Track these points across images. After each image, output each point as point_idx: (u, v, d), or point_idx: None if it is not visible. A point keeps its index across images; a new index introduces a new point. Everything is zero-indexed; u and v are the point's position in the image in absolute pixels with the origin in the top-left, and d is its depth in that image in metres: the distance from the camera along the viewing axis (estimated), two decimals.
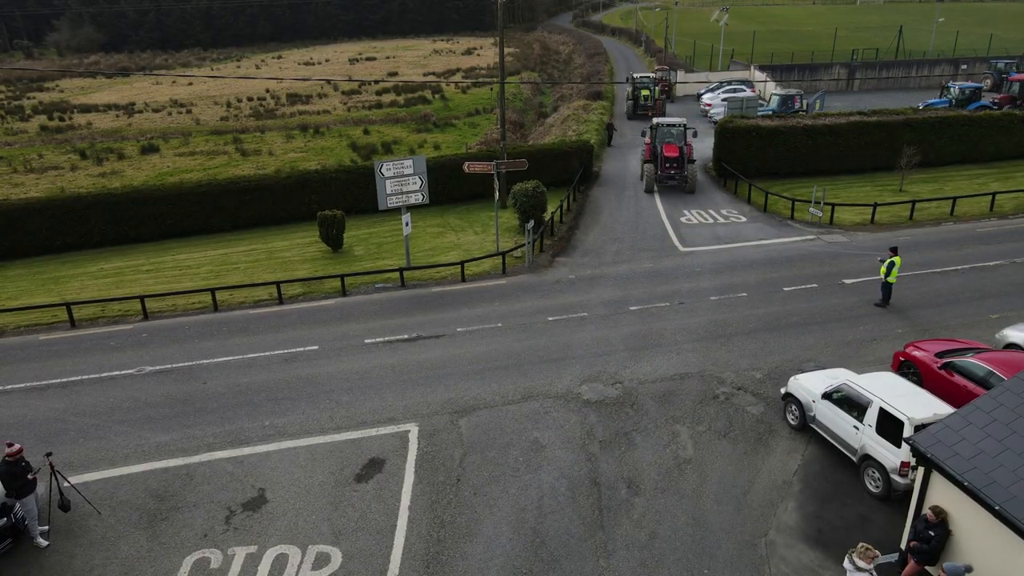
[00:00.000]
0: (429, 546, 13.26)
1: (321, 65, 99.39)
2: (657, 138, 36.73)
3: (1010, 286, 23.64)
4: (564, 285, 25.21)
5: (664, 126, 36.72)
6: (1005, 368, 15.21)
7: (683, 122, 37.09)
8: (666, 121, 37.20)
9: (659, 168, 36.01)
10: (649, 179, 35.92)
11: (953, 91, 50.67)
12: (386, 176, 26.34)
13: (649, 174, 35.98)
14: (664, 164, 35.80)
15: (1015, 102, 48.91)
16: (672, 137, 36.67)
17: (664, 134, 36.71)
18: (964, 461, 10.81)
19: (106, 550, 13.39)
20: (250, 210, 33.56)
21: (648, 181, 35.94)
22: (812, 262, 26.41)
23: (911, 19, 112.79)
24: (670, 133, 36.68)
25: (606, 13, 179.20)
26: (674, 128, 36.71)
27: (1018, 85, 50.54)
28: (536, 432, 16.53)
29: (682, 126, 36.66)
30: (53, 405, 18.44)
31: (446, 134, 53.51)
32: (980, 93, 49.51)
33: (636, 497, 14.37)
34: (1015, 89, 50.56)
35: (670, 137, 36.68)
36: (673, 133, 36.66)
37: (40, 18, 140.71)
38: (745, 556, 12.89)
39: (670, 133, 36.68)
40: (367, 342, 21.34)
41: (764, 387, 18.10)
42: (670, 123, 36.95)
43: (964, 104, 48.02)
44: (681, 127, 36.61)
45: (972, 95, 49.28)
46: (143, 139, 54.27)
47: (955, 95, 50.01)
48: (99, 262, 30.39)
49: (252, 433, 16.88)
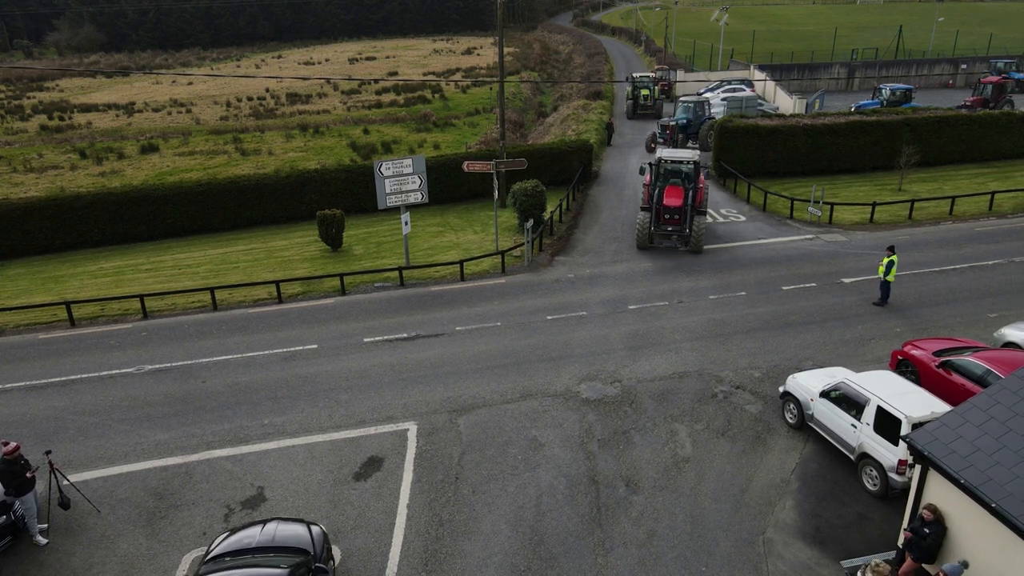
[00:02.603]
0: (428, 544, 13.29)
1: (321, 65, 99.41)
2: (659, 177, 28.24)
3: (1008, 285, 23.68)
4: (563, 284, 25.24)
5: (669, 163, 28.23)
6: (1003, 367, 15.24)
7: (695, 158, 28.22)
8: (672, 155, 28.52)
9: (656, 219, 27.67)
10: (641, 232, 27.56)
11: (884, 92, 50.84)
12: (385, 175, 26.37)
13: (641, 226, 27.54)
14: (663, 215, 27.49)
15: (988, 105, 48.81)
16: (679, 178, 28.30)
17: (668, 173, 28.38)
18: (961, 459, 10.84)
19: (105, 548, 13.42)
20: (250, 209, 33.59)
21: (639, 235, 27.64)
22: (811, 261, 26.44)
23: (911, 19, 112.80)
24: (676, 172, 28.43)
25: (606, 13, 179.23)
26: (683, 166, 28.27)
27: (990, 87, 50.44)
28: (535, 431, 16.56)
29: (692, 164, 28.11)
30: (53, 403, 18.47)
31: (446, 134, 53.53)
32: (911, 95, 49.62)
33: (634, 495, 14.40)
34: (987, 92, 50.42)
35: (675, 178, 28.33)
36: (681, 172, 28.37)
37: (40, 18, 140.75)
38: (743, 554, 12.92)
39: (676, 172, 28.43)
40: (366, 341, 21.37)
41: (762, 386, 18.13)
42: (677, 159, 28.26)
43: (895, 105, 48.07)
44: (691, 165, 28.13)
45: (903, 96, 49.42)
46: (143, 139, 54.27)
47: (886, 96, 50.19)
48: (99, 261, 30.42)
49: (251, 432, 16.90)
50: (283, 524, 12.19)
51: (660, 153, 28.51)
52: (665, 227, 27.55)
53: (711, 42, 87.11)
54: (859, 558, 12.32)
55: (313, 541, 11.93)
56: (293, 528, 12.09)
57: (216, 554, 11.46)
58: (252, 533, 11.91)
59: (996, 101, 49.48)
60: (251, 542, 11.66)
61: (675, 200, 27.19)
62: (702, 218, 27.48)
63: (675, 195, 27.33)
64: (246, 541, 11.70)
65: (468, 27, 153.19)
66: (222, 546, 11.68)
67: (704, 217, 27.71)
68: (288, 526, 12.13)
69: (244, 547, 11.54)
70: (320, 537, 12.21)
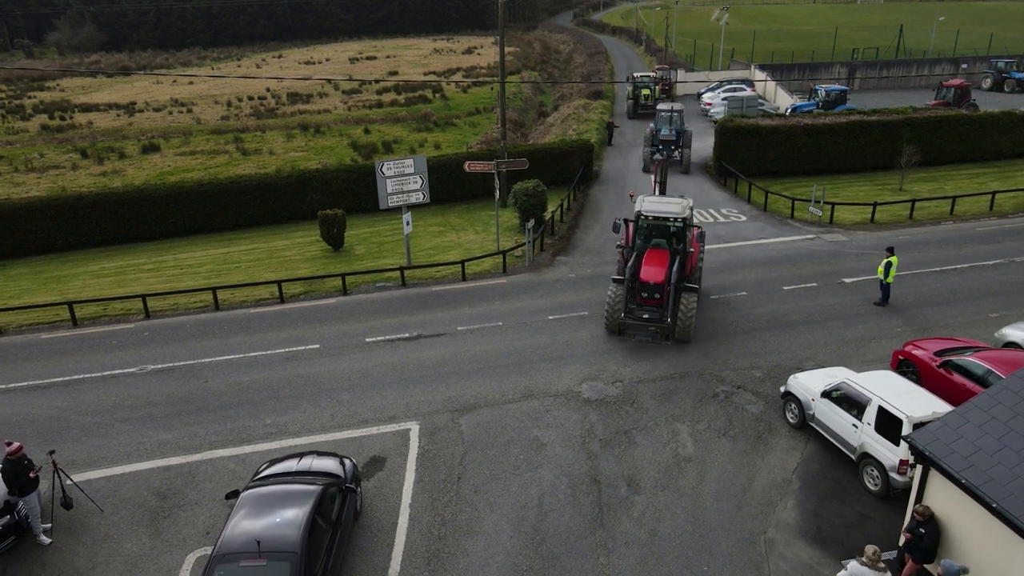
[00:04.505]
0: (430, 543, 13.33)
1: (322, 64, 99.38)
2: (638, 237, 21.21)
3: (1009, 285, 23.70)
4: (565, 284, 25.26)
5: (651, 219, 20.69)
6: (1004, 367, 15.27)
7: (684, 215, 20.59)
8: (657, 209, 20.65)
9: (632, 296, 20.65)
10: (610, 314, 20.44)
11: (820, 94, 50.98)
12: (387, 175, 26.40)
13: (612, 304, 20.38)
14: (639, 292, 20.29)
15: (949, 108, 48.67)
16: (664, 238, 21.12)
17: (651, 232, 21.20)
18: (962, 459, 10.87)
19: (109, 547, 13.46)
20: (251, 209, 33.63)
21: (609, 317, 20.51)
22: (812, 261, 26.46)
23: (911, 18, 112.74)
24: (662, 231, 21.06)
25: (606, 12, 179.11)
26: (669, 224, 20.82)
27: (953, 91, 50.27)
28: (537, 430, 16.60)
29: (680, 221, 20.74)
30: (56, 403, 18.51)
31: (447, 133, 53.55)
32: (846, 96, 49.68)
33: (636, 495, 14.43)
34: (950, 95, 50.14)
35: (659, 239, 21.14)
36: (667, 231, 21.02)
37: (41, 17, 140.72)
38: (744, 554, 12.95)
39: (662, 231, 21.06)
40: (368, 341, 21.40)
41: (764, 386, 18.16)
42: (662, 213, 20.54)
43: (831, 106, 48.04)
44: (679, 222, 20.81)
45: (838, 98, 49.56)
46: (144, 138, 54.29)
47: (822, 97, 50.30)
48: (100, 261, 30.46)
49: (254, 431, 16.94)
50: (318, 458, 14.03)
51: (641, 206, 21.05)
52: (640, 312, 20.24)
53: (711, 42, 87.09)
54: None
55: (344, 469, 13.81)
56: (326, 460, 13.96)
57: (262, 475, 13.37)
58: (291, 464, 13.76)
59: (959, 105, 49.15)
60: (291, 468, 13.57)
61: (655, 274, 19.89)
62: (691, 297, 19.95)
63: (656, 264, 20.17)
64: (287, 467, 13.64)
65: (468, 27, 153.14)
66: (267, 471, 13.53)
67: (694, 295, 20.09)
68: (322, 459, 13.98)
69: (286, 471, 13.43)
70: (351, 467, 14.06)
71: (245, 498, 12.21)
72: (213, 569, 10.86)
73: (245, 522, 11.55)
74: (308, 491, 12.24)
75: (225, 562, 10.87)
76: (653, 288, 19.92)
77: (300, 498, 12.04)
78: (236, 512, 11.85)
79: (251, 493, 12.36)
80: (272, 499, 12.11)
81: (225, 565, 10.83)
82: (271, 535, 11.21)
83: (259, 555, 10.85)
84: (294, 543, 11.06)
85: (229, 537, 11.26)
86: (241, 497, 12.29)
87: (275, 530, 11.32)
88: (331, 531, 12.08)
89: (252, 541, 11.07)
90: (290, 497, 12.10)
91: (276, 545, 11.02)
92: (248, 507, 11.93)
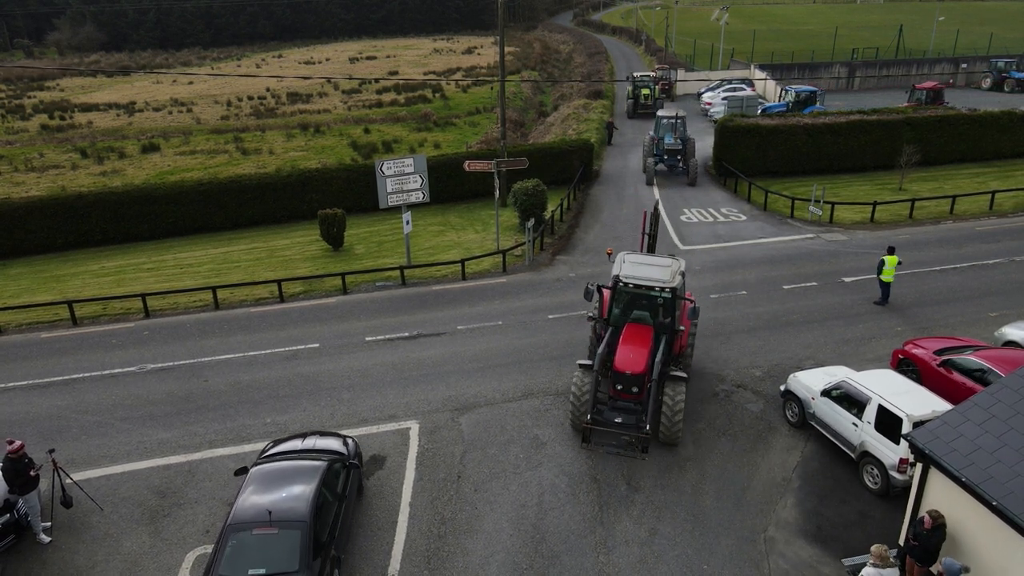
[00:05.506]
0: (430, 542, 13.33)
1: (321, 64, 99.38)
2: (615, 306, 16.92)
3: (1009, 284, 23.70)
4: (565, 283, 25.26)
5: (631, 287, 16.47)
6: (1003, 365, 15.27)
7: (675, 277, 16.56)
8: (638, 275, 16.50)
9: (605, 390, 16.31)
10: (575, 409, 15.83)
11: (790, 95, 50.77)
12: (387, 175, 26.40)
13: (577, 397, 15.72)
14: (613, 383, 15.82)
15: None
16: (647, 311, 16.85)
17: (634, 302, 16.89)
18: (962, 457, 10.87)
19: (108, 546, 13.46)
20: (251, 209, 33.62)
21: (573, 413, 15.93)
22: (812, 260, 26.46)
23: (911, 18, 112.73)
24: (645, 302, 16.77)
25: (606, 12, 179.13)
26: (654, 295, 16.51)
27: (925, 93, 50.13)
28: (537, 429, 16.59)
29: (668, 291, 16.31)
30: (55, 402, 18.51)
31: (446, 133, 53.55)
32: (815, 97, 49.36)
33: (636, 494, 14.43)
34: (922, 97, 49.77)
35: (641, 311, 16.92)
36: (652, 303, 16.70)
37: (41, 17, 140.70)
38: (744, 552, 12.96)
39: (645, 302, 16.77)
40: (368, 340, 21.40)
41: (763, 385, 18.16)
42: (645, 280, 16.38)
43: (801, 107, 47.85)
44: (667, 292, 16.33)
45: (808, 99, 49.29)
46: (144, 138, 54.29)
47: (792, 99, 50.11)
48: (100, 260, 30.45)
49: (253, 430, 16.94)
50: (321, 437, 14.52)
51: (620, 269, 16.82)
52: (612, 413, 15.62)
53: (711, 41, 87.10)
54: (860, 556, 12.36)
55: (347, 447, 14.27)
56: (329, 439, 14.46)
57: (269, 453, 13.81)
58: (295, 443, 14.14)
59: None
60: (297, 446, 13.98)
61: (633, 361, 15.52)
62: (678, 388, 15.47)
63: (635, 345, 15.88)
64: (292, 446, 14.02)
65: (468, 26, 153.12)
66: (273, 449, 14.00)
67: (682, 385, 15.56)
68: (325, 439, 14.45)
69: (291, 449, 13.85)
70: (353, 446, 14.52)
71: (255, 473, 12.73)
72: (227, 537, 11.36)
73: (256, 495, 12.07)
74: (315, 466, 12.78)
75: (238, 531, 11.40)
76: (630, 380, 15.40)
77: (307, 472, 12.57)
78: (247, 486, 12.34)
79: (260, 469, 12.87)
80: (281, 474, 12.63)
81: (238, 534, 11.37)
82: (282, 506, 11.74)
83: (271, 524, 11.41)
84: (303, 513, 11.61)
85: (241, 508, 11.80)
86: (251, 472, 12.79)
87: (285, 502, 11.84)
88: (337, 503, 12.64)
89: (263, 511, 11.61)
90: (298, 472, 12.63)
91: (286, 515, 11.56)
92: (258, 482, 12.45)
